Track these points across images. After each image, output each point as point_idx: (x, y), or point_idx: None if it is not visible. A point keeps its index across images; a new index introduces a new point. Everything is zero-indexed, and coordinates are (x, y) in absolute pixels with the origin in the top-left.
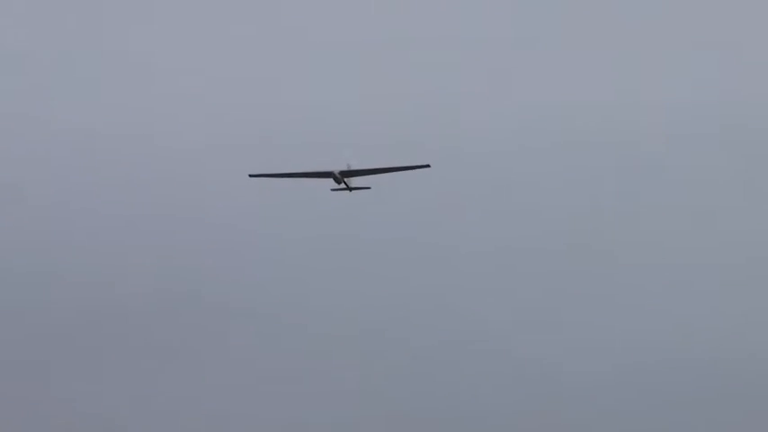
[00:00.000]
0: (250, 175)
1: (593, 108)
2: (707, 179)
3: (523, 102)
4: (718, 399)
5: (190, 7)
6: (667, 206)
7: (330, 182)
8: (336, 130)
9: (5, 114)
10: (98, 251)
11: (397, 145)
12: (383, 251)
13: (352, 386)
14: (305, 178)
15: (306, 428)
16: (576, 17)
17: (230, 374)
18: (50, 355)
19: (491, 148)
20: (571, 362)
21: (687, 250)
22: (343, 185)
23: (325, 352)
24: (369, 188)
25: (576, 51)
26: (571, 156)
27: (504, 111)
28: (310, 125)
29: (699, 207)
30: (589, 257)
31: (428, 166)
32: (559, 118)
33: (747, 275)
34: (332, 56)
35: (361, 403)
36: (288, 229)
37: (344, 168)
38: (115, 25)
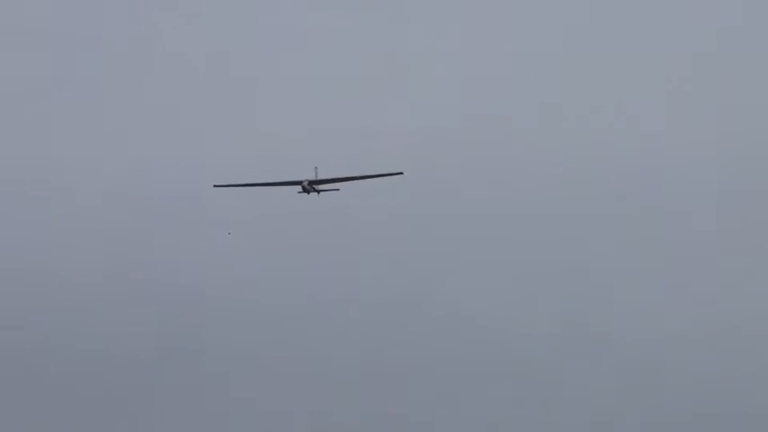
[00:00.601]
0: (215, 186)
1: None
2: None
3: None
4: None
5: (162, 19)
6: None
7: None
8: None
9: None
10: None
11: (368, 152)
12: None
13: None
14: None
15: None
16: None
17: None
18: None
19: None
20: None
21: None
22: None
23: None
24: (338, 189)
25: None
26: (550, 160)
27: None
28: (279, 132)
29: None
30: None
31: (401, 173)
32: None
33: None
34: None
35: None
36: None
37: (312, 178)
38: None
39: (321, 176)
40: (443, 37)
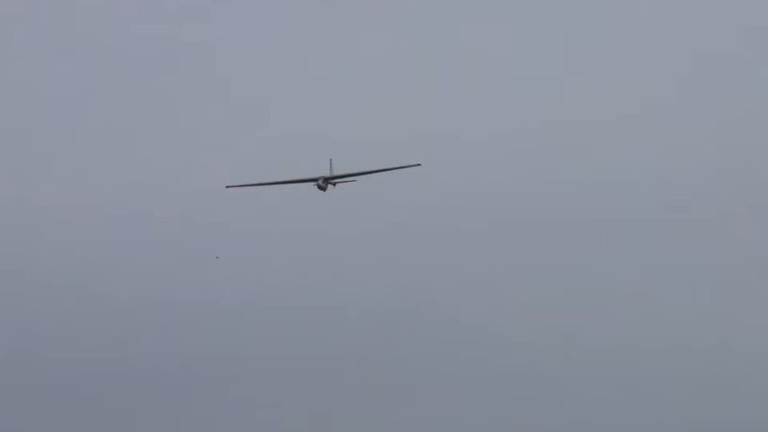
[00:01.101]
0: (227, 187)
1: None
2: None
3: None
4: None
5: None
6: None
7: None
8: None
9: None
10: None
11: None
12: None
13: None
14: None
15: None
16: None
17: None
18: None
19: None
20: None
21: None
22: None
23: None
24: (354, 180)
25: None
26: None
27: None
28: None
29: None
30: (582, 257)
31: (419, 164)
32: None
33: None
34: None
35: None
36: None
37: (328, 173)
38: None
39: (337, 170)
40: (452, 31)
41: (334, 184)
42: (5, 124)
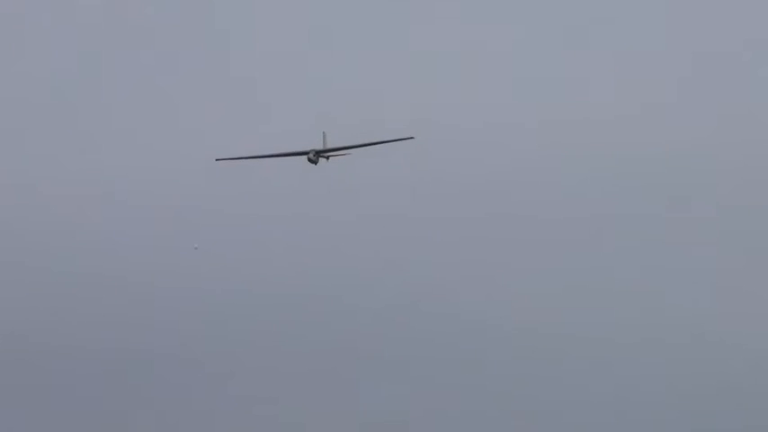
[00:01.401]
0: (217, 160)
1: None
2: None
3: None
4: None
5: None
6: None
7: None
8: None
9: None
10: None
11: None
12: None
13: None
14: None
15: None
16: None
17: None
18: None
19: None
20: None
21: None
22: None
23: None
24: (348, 153)
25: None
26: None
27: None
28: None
29: None
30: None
31: (412, 138)
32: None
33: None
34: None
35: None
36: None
37: (320, 146)
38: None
39: (330, 142)
40: (452, 31)
41: (327, 158)
42: (5, 123)
